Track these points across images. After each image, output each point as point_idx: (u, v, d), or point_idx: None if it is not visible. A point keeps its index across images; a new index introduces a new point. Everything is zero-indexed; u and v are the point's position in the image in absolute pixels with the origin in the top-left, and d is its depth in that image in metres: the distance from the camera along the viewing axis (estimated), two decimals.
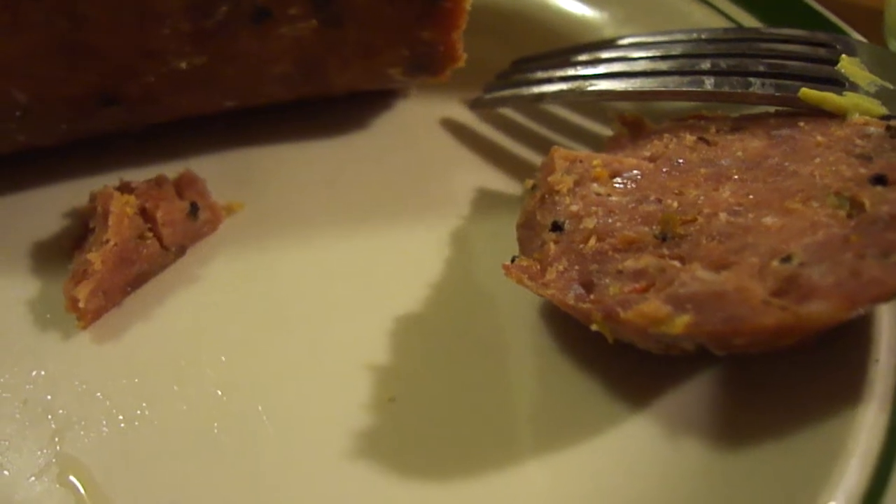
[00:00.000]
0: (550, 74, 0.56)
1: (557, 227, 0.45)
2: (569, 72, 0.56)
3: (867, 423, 0.39)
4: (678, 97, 0.51)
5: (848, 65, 0.49)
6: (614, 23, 0.63)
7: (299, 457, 0.42)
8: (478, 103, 0.59)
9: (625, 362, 0.43)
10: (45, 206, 0.53)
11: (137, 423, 0.43)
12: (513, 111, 0.59)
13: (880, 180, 0.40)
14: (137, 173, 0.53)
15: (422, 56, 0.54)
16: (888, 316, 0.42)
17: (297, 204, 0.53)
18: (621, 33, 0.60)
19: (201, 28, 0.49)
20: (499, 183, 0.55)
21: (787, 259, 0.37)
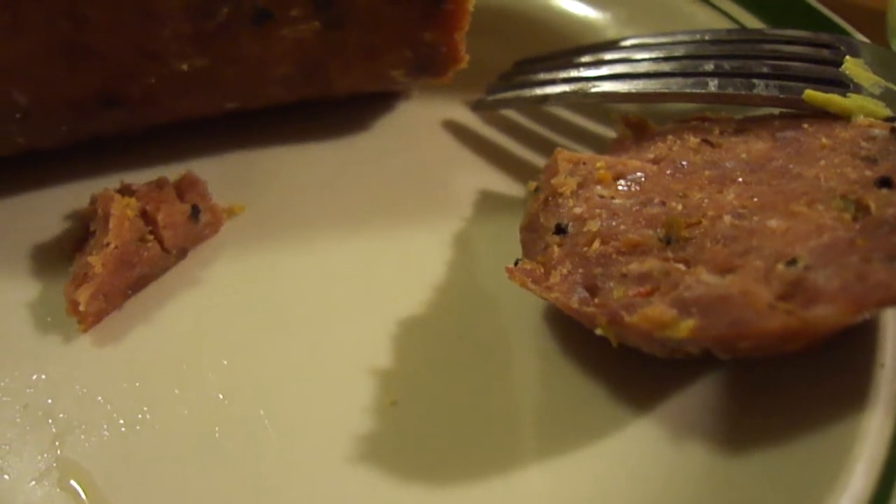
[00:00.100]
0: (553, 76, 0.56)
1: (561, 230, 0.45)
2: (572, 73, 0.56)
3: (873, 427, 0.39)
4: (682, 99, 0.51)
5: (852, 66, 0.49)
6: (617, 24, 0.63)
7: (301, 461, 0.41)
8: (480, 105, 0.59)
9: (628, 365, 0.43)
10: (46, 208, 0.53)
11: (138, 426, 0.43)
12: (516, 113, 0.59)
13: (886, 183, 0.40)
14: (138, 175, 0.52)
15: (424, 57, 0.54)
16: (894, 320, 0.42)
17: (299, 206, 0.53)
18: (624, 34, 0.60)
19: (202, 30, 0.49)
20: (501, 185, 0.54)
21: (792, 262, 0.37)
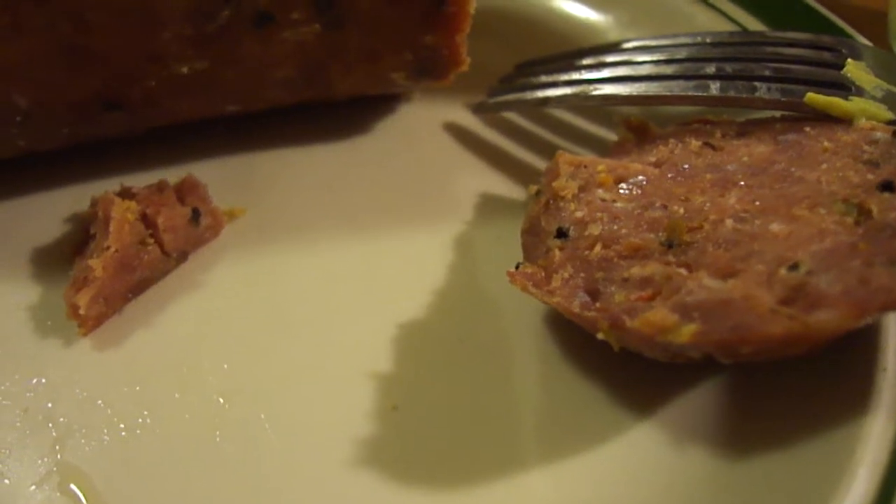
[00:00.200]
0: (555, 78, 0.56)
1: (562, 234, 0.45)
2: (573, 76, 0.56)
3: (875, 432, 0.39)
4: (683, 101, 0.51)
5: (854, 69, 0.49)
6: (618, 26, 0.63)
7: (301, 465, 0.41)
8: (481, 107, 0.59)
9: (630, 369, 0.43)
10: (46, 211, 0.53)
11: (139, 430, 0.43)
12: (517, 115, 0.59)
13: (888, 187, 0.40)
14: (139, 178, 0.52)
15: (425, 60, 0.54)
16: None
17: (300, 209, 0.53)
18: (626, 36, 0.60)
19: (203, 32, 0.49)
20: (503, 188, 0.54)
21: (794, 267, 0.37)
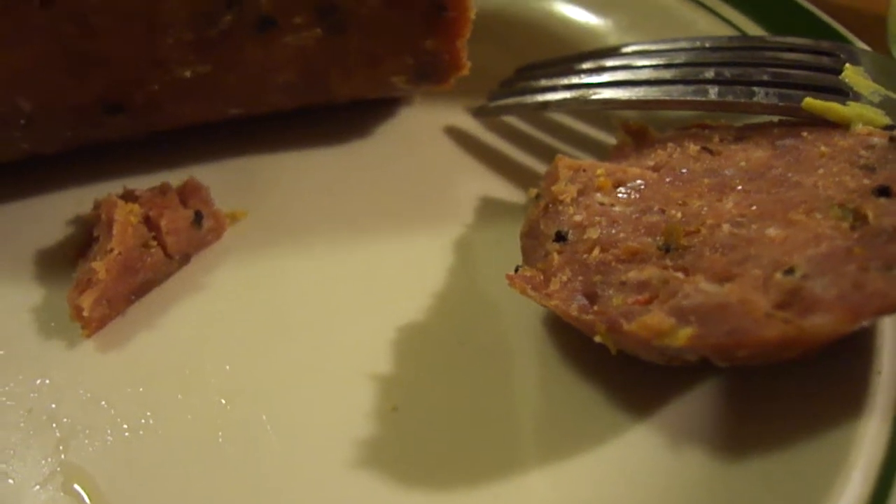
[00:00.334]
0: (554, 82, 0.56)
1: (561, 237, 0.45)
2: (573, 80, 0.56)
3: (869, 434, 0.39)
4: (682, 106, 0.51)
5: (851, 74, 0.49)
6: (618, 30, 0.63)
7: (302, 465, 0.42)
8: (482, 111, 0.59)
9: (628, 372, 0.43)
10: (49, 213, 0.53)
11: (142, 431, 0.43)
12: (517, 119, 0.59)
13: (884, 192, 0.40)
14: (141, 181, 0.53)
15: (426, 65, 0.54)
16: (891, 328, 0.42)
17: (301, 212, 0.54)
18: (625, 40, 0.60)
19: (206, 37, 0.49)
20: (503, 191, 0.55)
21: (790, 271, 0.37)
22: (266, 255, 0.51)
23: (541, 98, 0.56)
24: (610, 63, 0.56)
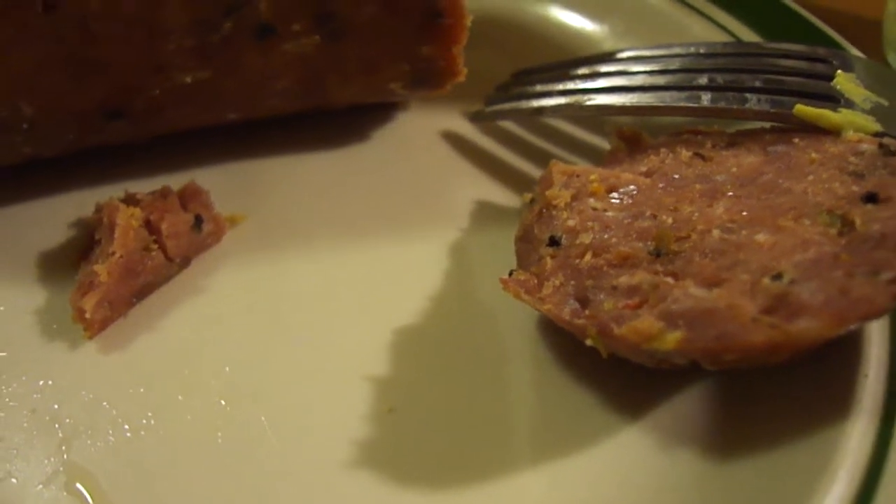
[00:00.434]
0: (550, 88, 0.57)
1: (554, 242, 0.45)
2: (568, 85, 0.56)
3: (856, 436, 0.39)
4: (675, 112, 0.52)
5: (844, 81, 0.49)
6: (614, 36, 0.63)
7: (300, 465, 0.42)
8: (478, 116, 0.60)
9: (621, 374, 0.44)
10: (51, 217, 0.53)
11: (143, 431, 0.44)
12: (513, 124, 0.60)
13: (872, 198, 0.40)
14: (142, 184, 0.53)
15: (422, 71, 0.54)
16: (878, 332, 0.43)
17: (299, 215, 0.54)
18: (621, 46, 0.60)
19: (206, 43, 0.50)
20: (498, 195, 0.55)
21: (777, 277, 0.37)
22: (264, 258, 0.52)
23: (536, 103, 0.56)
24: (605, 69, 0.56)
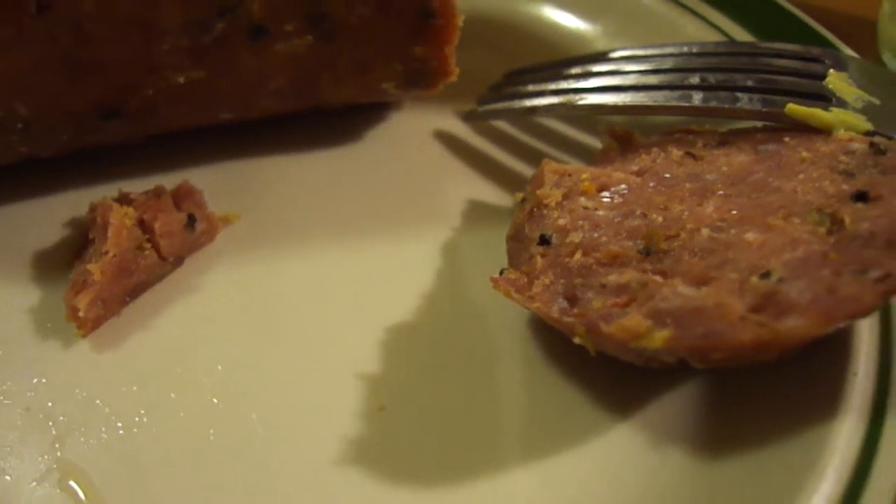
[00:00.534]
0: (542, 88, 0.57)
1: (545, 241, 0.46)
2: (560, 85, 0.56)
3: (844, 433, 0.39)
4: (667, 112, 0.52)
5: (836, 80, 0.49)
6: (606, 36, 0.63)
7: (291, 463, 0.43)
8: (471, 115, 0.60)
9: (611, 373, 0.44)
10: (46, 216, 0.54)
11: (136, 429, 0.44)
12: (506, 123, 0.60)
13: (861, 197, 0.40)
14: (136, 184, 0.53)
15: (415, 71, 0.54)
16: (868, 330, 0.43)
17: (292, 215, 0.54)
18: (613, 46, 0.60)
19: (200, 44, 0.50)
20: (490, 195, 0.55)
21: (766, 275, 0.38)
22: (257, 257, 0.52)
23: (528, 103, 0.56)
24: (597, 68, 0.56)
